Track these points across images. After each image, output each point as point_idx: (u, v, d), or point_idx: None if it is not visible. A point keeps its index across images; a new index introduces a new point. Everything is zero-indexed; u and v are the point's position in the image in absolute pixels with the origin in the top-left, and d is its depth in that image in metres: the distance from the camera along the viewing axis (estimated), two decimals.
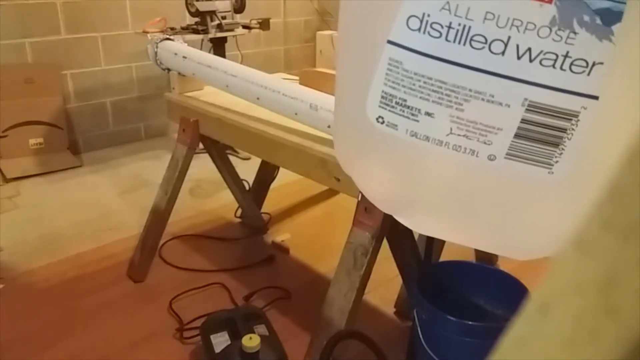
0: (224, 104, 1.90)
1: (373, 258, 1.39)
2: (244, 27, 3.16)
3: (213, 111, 1.90)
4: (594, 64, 0.76)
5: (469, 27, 0.81)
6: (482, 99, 0.82)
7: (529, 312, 0.27)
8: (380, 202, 1.22)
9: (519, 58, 0.79)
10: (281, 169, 2.37)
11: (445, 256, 1.80)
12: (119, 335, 1.80)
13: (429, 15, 0.84)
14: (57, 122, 3.19)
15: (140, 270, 2.11)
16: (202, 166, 2.47)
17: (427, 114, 0.89)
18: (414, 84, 0.89)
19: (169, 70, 2.07)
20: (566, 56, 0.76)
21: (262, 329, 1.64)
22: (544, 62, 0.78)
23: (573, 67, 0.77)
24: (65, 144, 3.24)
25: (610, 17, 0.73)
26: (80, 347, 1.74)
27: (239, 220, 2.55)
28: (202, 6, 2.90)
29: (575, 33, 0.75)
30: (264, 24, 3.20)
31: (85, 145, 3.43)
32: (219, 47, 3.12)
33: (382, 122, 0.95)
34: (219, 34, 3.02)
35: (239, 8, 3.11)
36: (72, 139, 3.34)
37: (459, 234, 1.08)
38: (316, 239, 2.46)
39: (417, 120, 0.90)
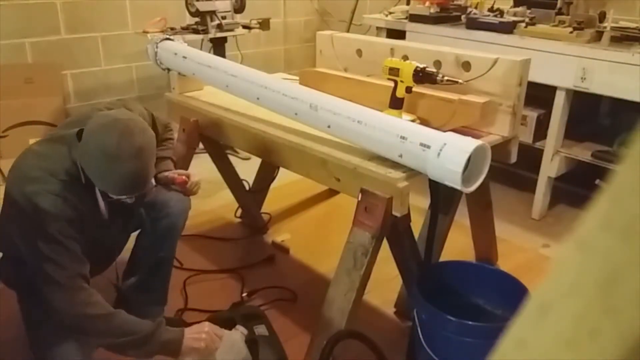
0: (224, 104, 1.90)
1: (373, 258, 1.39)
2: (244, 27, 3.16)
3: (213, 111, 1.90)
4: None
5: None
6: None
7: (529, 312, 0.27)
8: None
9: None
10: (281, 169, 2.37)
11: (445, 256, 1.80)
12: None
13: None
14: (57, 122, 3.17)
15: None
16: (202, 166, 2.47)
17: None
18: None
19: (169, 70, 2.07)
20: None
21: (262, 329, 1.64)
22: None
23: None
24: None
25: None
26: None
27: (239, 220, 2.55)
28: (202, 6, 2.89)
29: None
30: (264, 24, 3.19)
31: None
32: (219, 47, 3.11)
33: None
34: (219, 34, 3.01)
35: (239, 8, 3.11)
36: None
37: None
38: (316, 239, 2.45)
39: None
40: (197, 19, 2.98)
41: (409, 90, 1.56)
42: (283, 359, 1.54)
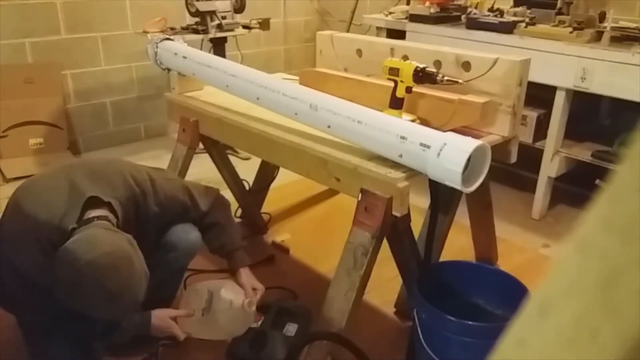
0: (224, 104, 1.90)
1: (373, 258, 1.39)
2: (244, 27, 3.16)
3: (213, 111, 1.90)
4: None
5: None
6: None
7: (529, 312, 0.27)
8: None
9: None
10: (281, 169, 2.37)
11: (445, 256, 1.80)
12: None
13: None
14: (57, 122, 3.18)
15: None
16: (202, 166, 2.47)
17: None
18: None
19: (169, 70, 2.07)
20: None
21: (292, 327, 1.67)
22: None
23: None
24: (65, 144, 3.23)
25: None
26: None
27: (239, 220, 2.55)
28: (202, 6, 2.89)
29: None
30: (264, 24, 3.19)
31: (85, 145, 3.43)
32: (219, 47, 3.11)
33: None
34: (219, 34, 3.01)
35: (239, 8, 3.11)
36: (72, 139, 3.34)
37: None
38: (316, 239, 2.45)
39: None
40: (197, 19, 2.98)
41: (409, 90, 1.56)
42: None
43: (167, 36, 2.09)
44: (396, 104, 1.58)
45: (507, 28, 2.46)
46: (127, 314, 1.34)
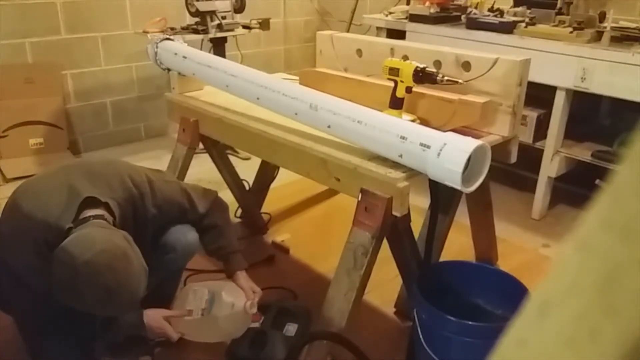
0: (224, 104, 1.90)
1: (373, 258, 1.39)
2: (244, 27, 3.16)
3: (213, 111, 1.90)
4: None
5: None
6: None
7: (529, 312, 0.27)
8: None
9: None
10: (281, 169, 2.37)
11: (445, 256, 1.80)
12: None
13: None
14: (57, 122, 3.18)
15: None
16: (202, 166, 2.47)
17: None
18: None
19: (169, 70, 2.07)
20: None
21: (292, 327, 1.68)
22: None
23: None
24: (65, 144, 3.23)
25: None
26: None
27: (239, 220, 2.55)
28: (202, 6, 2.89)
29: None
30: (264, 24, 3.19)
31: (85, 145, 3.43)
32: (219, 47, 3.11)
33: None
34: (219, 34, 3.01)
35: (239, 8, 3.10)
36: (72, 139, 3.34)
37: None
38: (316, 239, 2.45)
39: None
40: (197, 19, 2.98)
41: (409, 90, 1.56)
42: None
43: (167, 36, 2.09)
44: (396, 104, 1.58)
45: (507, 28, 2.46)
46: (128, 311, 1.34)
